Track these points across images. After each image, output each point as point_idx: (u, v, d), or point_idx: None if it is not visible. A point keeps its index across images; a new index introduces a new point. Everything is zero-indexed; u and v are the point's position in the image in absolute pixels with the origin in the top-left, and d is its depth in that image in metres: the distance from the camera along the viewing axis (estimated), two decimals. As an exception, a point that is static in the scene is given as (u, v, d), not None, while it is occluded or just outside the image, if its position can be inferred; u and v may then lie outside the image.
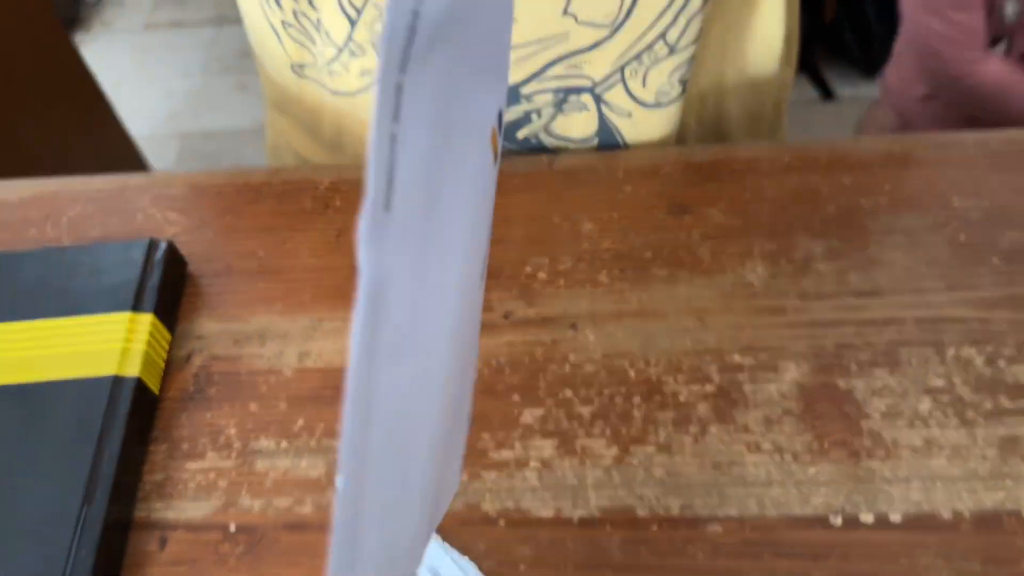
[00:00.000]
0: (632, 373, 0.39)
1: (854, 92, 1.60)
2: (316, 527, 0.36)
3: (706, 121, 0.52)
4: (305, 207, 0.47)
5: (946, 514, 0.34)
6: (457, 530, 0.36)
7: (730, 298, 0.41)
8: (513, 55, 0.46)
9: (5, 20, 1.18)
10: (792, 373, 0.38)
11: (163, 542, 0.37)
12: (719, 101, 0.52)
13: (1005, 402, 0.37)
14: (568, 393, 0.39)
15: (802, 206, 0.44)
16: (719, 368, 0.39)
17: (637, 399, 0.38)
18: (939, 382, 0.38)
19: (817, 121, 1.59)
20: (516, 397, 0.39)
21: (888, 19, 1.50)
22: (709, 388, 0.38)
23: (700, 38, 0.46)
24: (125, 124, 1.34)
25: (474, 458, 0.38)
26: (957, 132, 0.47)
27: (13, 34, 1.19)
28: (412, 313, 0.16)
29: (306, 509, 0.37)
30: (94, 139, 1.32)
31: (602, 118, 0.49)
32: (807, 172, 0.46)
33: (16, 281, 0.43)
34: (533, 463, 0.37)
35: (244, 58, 1.82)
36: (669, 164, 0.47)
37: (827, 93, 1.61)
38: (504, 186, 0.47)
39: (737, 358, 0.39)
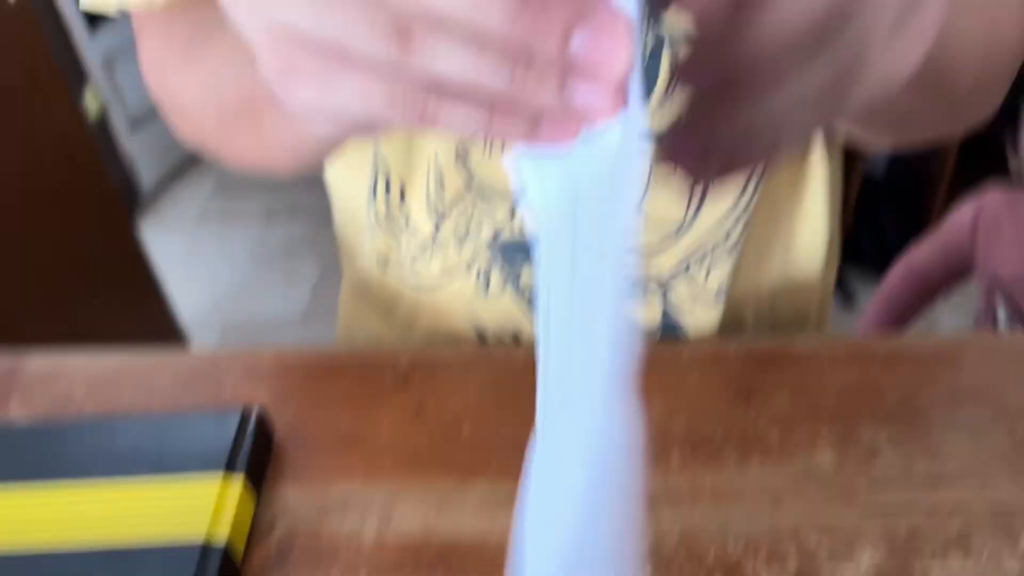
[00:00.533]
0: (711, 554, 0.40)
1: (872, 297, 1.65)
2: None
3: (761, 314, 0.55)
4: (386, 384, 0.50)
5: None
6: None
7: (802, 481, 0.42)
8: None
9: (76, 207, 1.26)
10: (868, 557, 0.39)
11: None
12: (773, 296, 0.56)
13: (1085, 594, 0.37)
14: (648, 572, 0.40)
15: (864, 396, 0.46)
16: (797, 550, 0.39)
17: (717, 579, 0.39)
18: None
19: (838, 327, 1.64)
20: (595, 575, 0.40)
21: (904, 226, 1.59)
22: (790, 570, 0.39)
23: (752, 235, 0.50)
24: (173, 308, 1.40)
25: (555, 636, 0.38)
26: (1002, 333, 0.50)
27: (83, 220, 1.27)
28: None
29: None
30: (144, 319, 1.38)
31: (665, 311, 0.52)
32: (865, 364, 0.48)
33: (111, 443, 0.45)
34: (616, 642, 0.37)
35: (289, 252, 1.92)
36: (732, 353, 0.49)
37: (848, 298, 1.67)
38: (574, 369, 0.50)
39: (814, 541, 0.40)
